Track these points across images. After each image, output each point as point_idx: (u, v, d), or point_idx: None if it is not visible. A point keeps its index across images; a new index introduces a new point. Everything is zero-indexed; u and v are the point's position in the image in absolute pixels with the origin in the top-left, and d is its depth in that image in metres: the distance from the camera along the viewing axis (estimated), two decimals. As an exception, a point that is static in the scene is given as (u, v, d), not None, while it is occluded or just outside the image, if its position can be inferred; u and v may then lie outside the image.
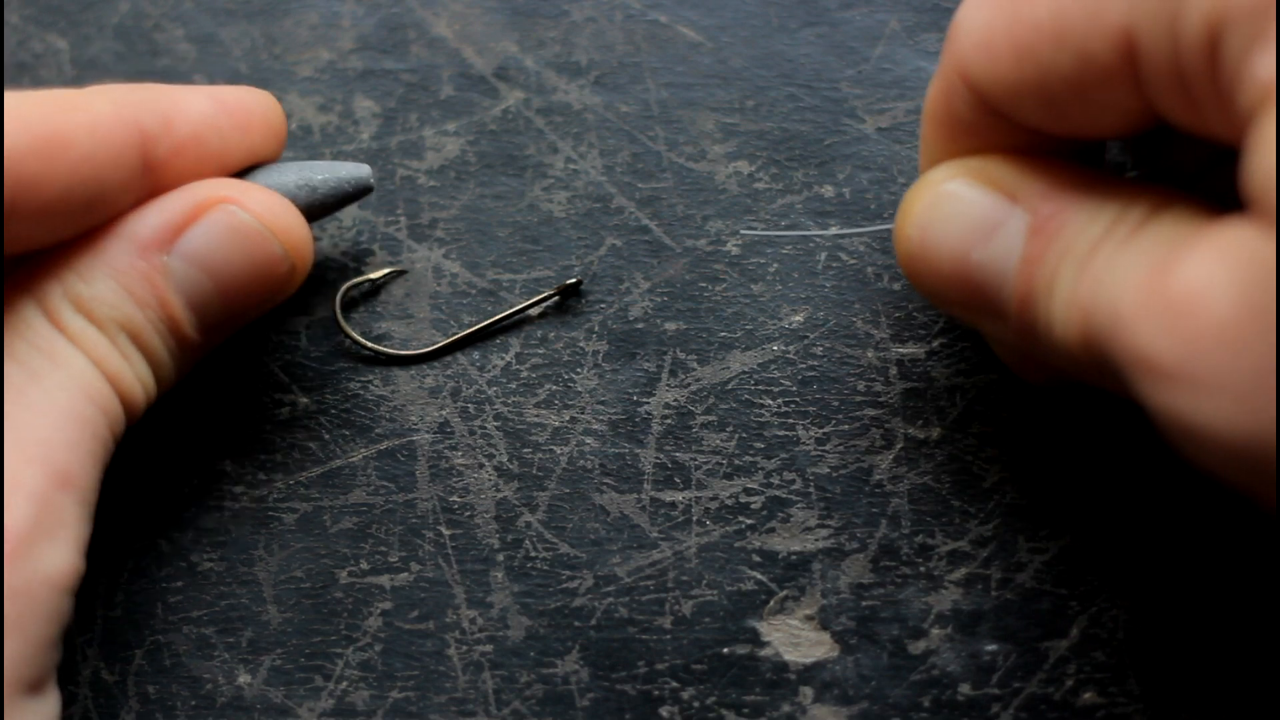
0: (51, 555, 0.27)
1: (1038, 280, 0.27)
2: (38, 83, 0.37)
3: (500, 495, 0.33)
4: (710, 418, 0.34)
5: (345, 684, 0.32)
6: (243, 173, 0.32)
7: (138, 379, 0.30)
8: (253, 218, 0.30)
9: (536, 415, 0.34)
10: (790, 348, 0.34)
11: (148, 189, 0.30)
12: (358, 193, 0.33)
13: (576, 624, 0.33)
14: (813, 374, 0.34)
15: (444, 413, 0.34)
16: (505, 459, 0.34)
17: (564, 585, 0.33)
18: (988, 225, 0.28)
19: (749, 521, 0.33)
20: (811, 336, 0.34)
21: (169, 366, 0.30)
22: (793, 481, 0.33)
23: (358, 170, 0.33)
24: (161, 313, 0.30)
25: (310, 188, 0.32)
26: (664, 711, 0.32)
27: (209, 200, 0.30)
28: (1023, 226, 0.28)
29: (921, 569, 0.33)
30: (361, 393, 0.34)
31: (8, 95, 0.28)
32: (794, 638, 0.32)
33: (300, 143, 0.36)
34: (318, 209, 0.32)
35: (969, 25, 0.27)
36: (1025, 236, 0.27)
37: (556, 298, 0.35)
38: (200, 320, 0.30)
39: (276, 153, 0.32)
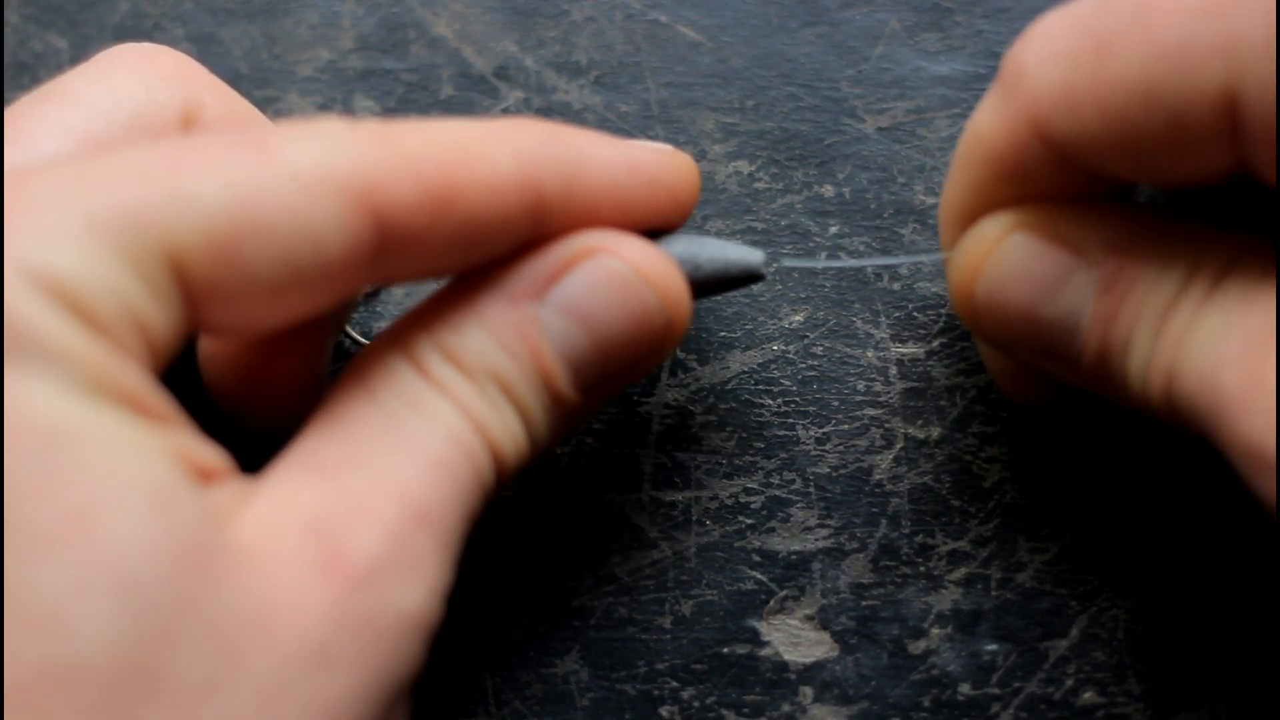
0: (403, 591, 0.25)
1: (1113, 339, 0.27)
2: (38, 83, 0.37)
3: (501, 495, 0.33)
4: (710, 417, 0.34)
5: (345, 684, 0.32)
6: None
7: (507, 430, 0.28)
8: (627, 266, 0.28)
9: (536, 415, 0.34)
10: (790, 347, 0.34)
11: (531, 243, 0.28)
12: (744, 279, 0.30)
13: (576, 623, 0.33)
14: (813, 374, 0.34)
15: (444, 412, 0.34)
16: (505, 459, 0.34)
17: (564, 585, 0.33)
18: (1054, 281, 0.28)
19: (749, 521, 0.33)
20: (811, 336, 0.34)
21: (541, 423, 0.28)
22: (792, 481, 0.33)
23: (750, 255, 0.30)
24: (534, 364, 0.28)
25: (695, 265, 0.30)
26: (664, 711, 0.32)
27: (583, 250, 0.28)
28: (1090, 281, 0.27)
29: (921, 569, 0.33)
30: (361, 392, 0.34)
31: (405, 126, 0.26)
32: (794, 637, 0.32)
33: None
34: (698, 289, 0.30)
35: (1043, 81, 0.26)
36: (1095, 293, 0.27)
37: (557, 298, 0.35)
38: (576, 375, 0.28)
39: (678, 224, 0.30)
